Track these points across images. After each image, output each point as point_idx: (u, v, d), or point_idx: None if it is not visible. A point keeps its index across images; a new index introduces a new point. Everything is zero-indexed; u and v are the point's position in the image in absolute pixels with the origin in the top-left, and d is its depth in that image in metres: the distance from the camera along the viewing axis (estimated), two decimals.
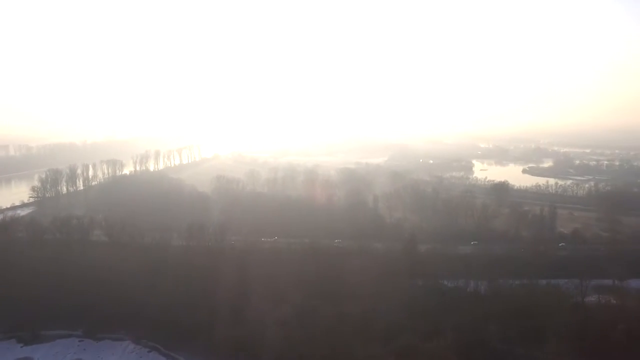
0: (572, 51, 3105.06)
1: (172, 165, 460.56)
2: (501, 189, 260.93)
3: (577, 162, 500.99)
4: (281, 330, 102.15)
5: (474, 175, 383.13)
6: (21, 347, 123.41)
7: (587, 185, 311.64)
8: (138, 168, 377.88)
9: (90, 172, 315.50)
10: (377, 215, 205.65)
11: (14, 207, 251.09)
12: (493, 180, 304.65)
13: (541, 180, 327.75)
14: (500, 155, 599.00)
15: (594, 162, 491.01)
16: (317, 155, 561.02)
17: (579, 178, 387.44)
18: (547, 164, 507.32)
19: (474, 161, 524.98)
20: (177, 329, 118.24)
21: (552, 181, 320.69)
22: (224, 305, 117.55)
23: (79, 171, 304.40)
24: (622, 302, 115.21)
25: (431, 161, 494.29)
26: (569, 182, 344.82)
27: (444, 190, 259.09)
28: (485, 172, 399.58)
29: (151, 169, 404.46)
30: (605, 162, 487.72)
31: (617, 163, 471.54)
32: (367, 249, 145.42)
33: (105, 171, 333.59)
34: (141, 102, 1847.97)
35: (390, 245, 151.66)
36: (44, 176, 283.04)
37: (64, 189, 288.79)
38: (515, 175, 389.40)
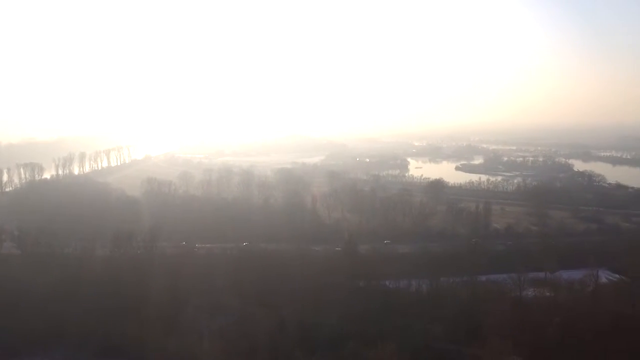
0: (493, 52, 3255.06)
1: (100, 168, 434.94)
2: (437, 187, 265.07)
3: (505, 159, 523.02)
4: (218, 341, 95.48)
5: (410, 173, 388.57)
6: None
7: (515, 181, 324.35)
8: (60, 172, 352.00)
9: (5, 177, 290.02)
10: (315, 216, 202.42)
11: None
12: (428, 178, 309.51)
13: (473, 177, 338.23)
14: (434, 153, 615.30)
15: (521, 159, 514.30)
16: (254, 155, 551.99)
17: (507, 174, 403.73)
18: (478, 161, 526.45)
19: (409, 159, 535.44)
20: (103, 344, 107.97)
21: (484, 178, 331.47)
22: (155, 316, 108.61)
23: None
24: (556, 295, 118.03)
25: (367, 160, 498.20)
26: (499, 178, 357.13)
27: (382, 189, 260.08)
28: (421, 170, 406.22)
29: (76, 172, 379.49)
30: (531, 158, 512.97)
31: (540, 159, 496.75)
32: (306, 252, 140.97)
33: (23, 176, 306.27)
34: (67, 101, 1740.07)
35: (330, 247, 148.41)
36: None
37: None
38: (448, 173, 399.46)
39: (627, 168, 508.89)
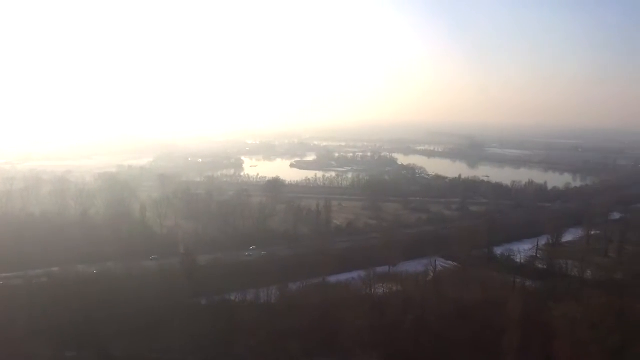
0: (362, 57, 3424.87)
1: None
2: (275, 186, 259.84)
3: (337, 154, 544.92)
4: None
5: (245, 173, 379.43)
6: None
7: (350, 176, 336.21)
8: None
9: None
10: (145, 227, 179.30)
11: None
12: (265, 177, 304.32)
13: (308, 174, 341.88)
14: (268, 151, 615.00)
15: (351, 154, 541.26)
16: (71, 159, 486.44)
17: (340, 169, 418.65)
18: (311, 157, 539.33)
19: (243, 158, 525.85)
20: None
21: (319, 174, 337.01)
22: None
23: None
24: (404, 289, 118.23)
25: (200, 160, 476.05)
26: (333, 173, 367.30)
27: (218, 192, 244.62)
28: (256, 169, 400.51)
29: None
30: (360, 153, 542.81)
31: (369, 154, 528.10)
32: (136, 271, 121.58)
33: None
34: None
35: (165, 262, 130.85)
36: None
37: None
38: (284, 170, 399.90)
39: (439, 160, 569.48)
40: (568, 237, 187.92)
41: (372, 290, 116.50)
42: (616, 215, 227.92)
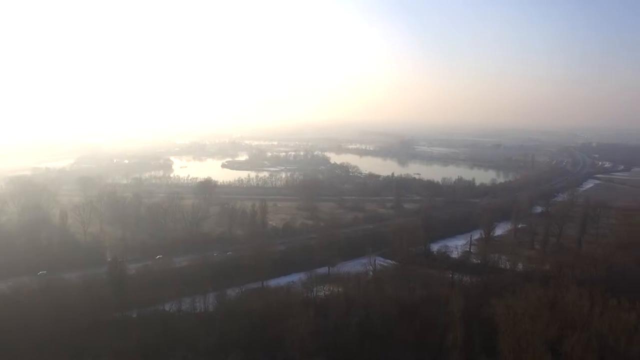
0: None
1: None
2: (207, 187, 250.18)
3: (269, 154, 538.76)
4: None
5: (175, 174, 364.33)
6: None
7: (283, 175, 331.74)
8: None
9: None
10: (66, 234, 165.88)
11: None
12: (197, 178, 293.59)
13: (241, 174, 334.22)
14: (198, 151, 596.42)
15: (284, 154, 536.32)
16: None
17: (272, 169, 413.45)
18: (243, 157, 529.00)
19: (172, 158, 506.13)
20: None
21: (252, 174, 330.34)
22: None
23: None
24: (346, 290, 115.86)
25: (127, 161, 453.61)
26: (266, 173, 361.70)
27: (147, 194, 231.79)
28: (186, 169, 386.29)
29: None
30: (293, 153, 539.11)
31: (302, 153, 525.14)
32: (56, 284, 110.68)
33: None
34: None
35: (90, 272, 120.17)
36: None
37: None
38: (215, 171, 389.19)
39: (371, 158, 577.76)
40: (498, 231, 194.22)
41: (314, 293, 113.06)
42: (538, 209, 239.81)
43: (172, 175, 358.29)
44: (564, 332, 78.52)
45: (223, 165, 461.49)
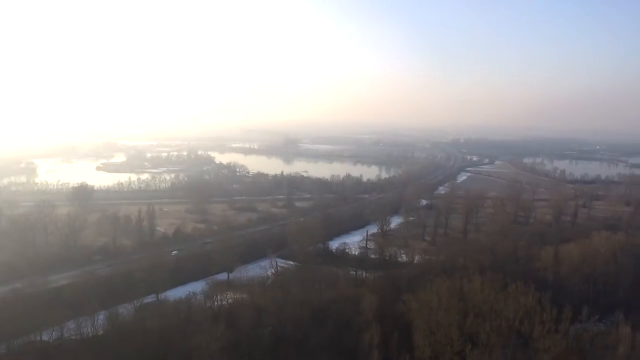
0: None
1: None
2: (83, 193, 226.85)
3: (149, 155, 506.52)
4: None
5: (42, 179, 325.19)
6: None
7: (168, 177, 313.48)
8: None
9: None
10: None
11: None
12: (69, 183, 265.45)
13: (120, 177, 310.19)
14: (67, 153, 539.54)
15: (165, 154, 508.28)
16: None
17: (154, 171, 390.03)
18: (121, 159, 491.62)
19: (36, 161, 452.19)
20: None
21: (133, 177, 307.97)
22: None
23: None
24: (252, 297, 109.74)
25: None
26: (147, 176, 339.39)
27: (8, 204, 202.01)
28: (55, 174, 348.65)
29: None
30: (175, 153, 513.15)
31: (185, 153, 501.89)
32: None
33: None
34: None
35: None
36: None
37: None
38: (90, 174, 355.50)
39: (256, 157, 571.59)
40: (390, 225, 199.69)
41: (218, 303, 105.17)
42: (423, 202, 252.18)
43: (37, 180, 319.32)
44: (475, 320, 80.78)
45: (98, 168, 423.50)
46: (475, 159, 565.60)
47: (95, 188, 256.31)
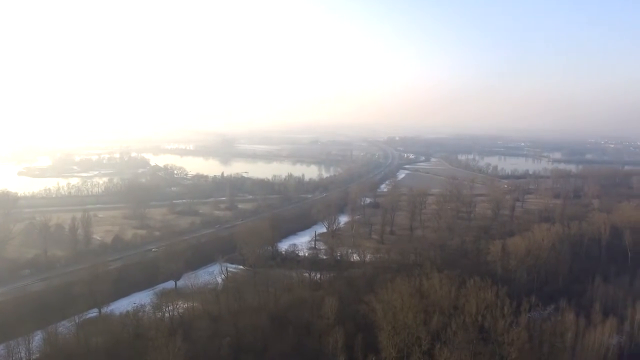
0: None
1: None
2: (6, 200, 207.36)
3: (78, 158, 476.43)
4: None
5: None
6: None
7: (100, 181, 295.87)
8: None
9: None
10: None
11: None
12: None
13: (46, 182, 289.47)
14: None
15: (96, 157, 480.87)
16: None
17: (85, 174, 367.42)
18: (46, 162, 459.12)
19: None
20: None
21: (62, 181, 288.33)
22: None
23: None
24: (205, 306, 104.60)
25: None
26: (77, 180, 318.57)
27: None
28: None
29: None
30: (106, 155, 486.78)
31: (117, 155, 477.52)
32: None
33: None
34: None
35: None
36: None
37: None
38: (11, 179, 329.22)
39: (192, 158, 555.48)
40: (337, 224, 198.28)
41: (170, 314, 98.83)
42: (367, 200, 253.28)
43: None
44: (440, 317, 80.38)
45: (20, 173, 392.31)
46: (412, 156, 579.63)
47: (19, 195, 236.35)
